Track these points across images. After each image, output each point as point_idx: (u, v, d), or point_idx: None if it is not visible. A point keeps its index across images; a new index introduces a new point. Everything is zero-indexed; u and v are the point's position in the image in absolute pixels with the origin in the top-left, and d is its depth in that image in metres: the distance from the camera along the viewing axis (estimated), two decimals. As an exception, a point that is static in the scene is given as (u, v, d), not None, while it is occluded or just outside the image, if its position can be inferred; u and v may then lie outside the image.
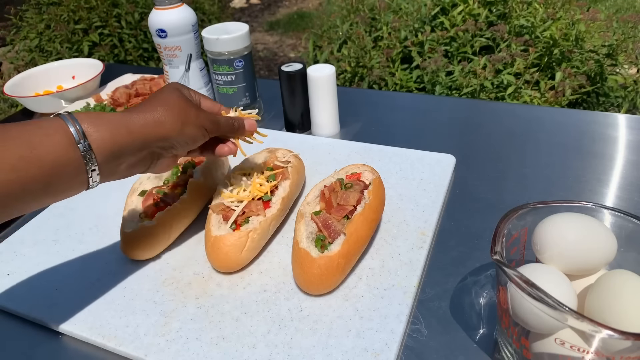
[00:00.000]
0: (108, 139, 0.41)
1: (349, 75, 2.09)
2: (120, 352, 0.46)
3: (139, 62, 2.53)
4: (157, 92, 0.48)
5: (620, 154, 0.69)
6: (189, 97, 0.50)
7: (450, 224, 0.58)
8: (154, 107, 0.45)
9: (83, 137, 0.40)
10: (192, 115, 0.47)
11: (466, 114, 0.85)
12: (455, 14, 2.05)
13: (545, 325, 0.35)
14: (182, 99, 0.48)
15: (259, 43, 3.45)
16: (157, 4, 0.77)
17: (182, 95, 0.48)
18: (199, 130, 0.48)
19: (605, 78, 1.90)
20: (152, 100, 0.47)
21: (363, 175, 0.57)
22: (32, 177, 0.37)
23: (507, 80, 1.76)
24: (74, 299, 0.51)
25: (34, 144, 0.37)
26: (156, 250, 0.55)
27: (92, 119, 0.41)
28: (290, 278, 0.51)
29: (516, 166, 0.68)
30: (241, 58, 0.78)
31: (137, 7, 2.57)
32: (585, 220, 0.40)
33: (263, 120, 0.85)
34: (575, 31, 1.86)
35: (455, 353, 0.44)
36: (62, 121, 0.40)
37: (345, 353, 0.43)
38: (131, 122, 0.43)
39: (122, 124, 0.42)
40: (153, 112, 0.45)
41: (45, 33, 2.49)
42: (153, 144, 0.45)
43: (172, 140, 0.46)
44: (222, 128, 0.51)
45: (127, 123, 0.43)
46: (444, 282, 0.51)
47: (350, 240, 0.49)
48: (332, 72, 0.73)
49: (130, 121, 0.43)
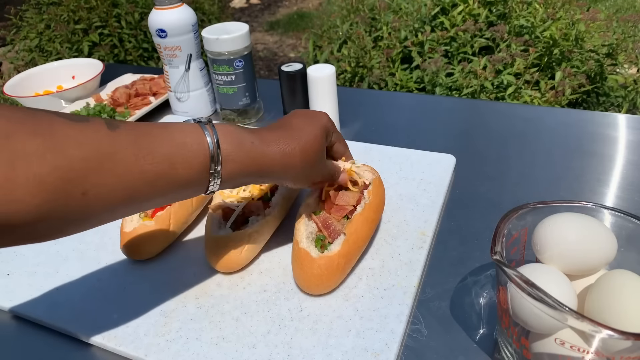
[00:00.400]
0: (238, 170, 0.41)
1: (349, 75, 2.09)
2: (120, 352, 0.46)
3: (139, 62, 2.53)
4: (307, 120, 0.47)
5: (620, 154, 0.69)
6: (326, 143, 0.49)
7: (450, 224, 0.58)
8: (293, 144, 0.44)
9: (219, 165, 0.40)
10: (318, 168, 0.47)
11: (466, 114, 0.85)
12: (455, 14, 2.05)
13: (545, 325, 0.35)
14: (321, 146, 0.47)
15: (259, 43, 3.45)
16: (157, 4, 0.77)
17: (323, 141, 0.47)
18: (309, 184, 0.49)
19: (605, 78, 1.90)
20: (296, 131, 0.45)
21: (363, 175, 0.57)
22: (162, 190, 0.38)
23: (507, 81, 1.76)
24: (74, 299, 0.51)
25: (176, 162, 0.37)
26: (156, 250, 0.55)
27: (233, 144, 0.41)
28: (290, 278, 0.51)
29: (516, 166, 0.68)
30: (241, 58, 0.78)
31: (137, 7, 2.57)
32: (585, 220, 0.40)
33: (263, 120, 0.85)
34: (575, 31, 1.86)
35: (455, 353, 0.44)
36: (205, 141, 0.39)
37: (345, 353, 0.43)
38: (266, 156, 0.43)
39: (257, 157, 0.42)
40: (290, 150, 0.44)
41: (45, 33, 2.50)
42: (276, 176, 0.45)
43: (284, 182, 0.47)
44: (325, 180, 0.51)
45: (262, 156, 0.42)
46: (444, 282, 0.51)
47: (350, 240, 0.49)
48: (332, 72, 0.73)
49: (265, 155, 0.43)
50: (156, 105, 0.89)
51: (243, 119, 0.84)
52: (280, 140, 0.44)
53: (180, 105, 0.86)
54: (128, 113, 0.87)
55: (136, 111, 0.88)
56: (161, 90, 0.94)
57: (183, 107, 0.86)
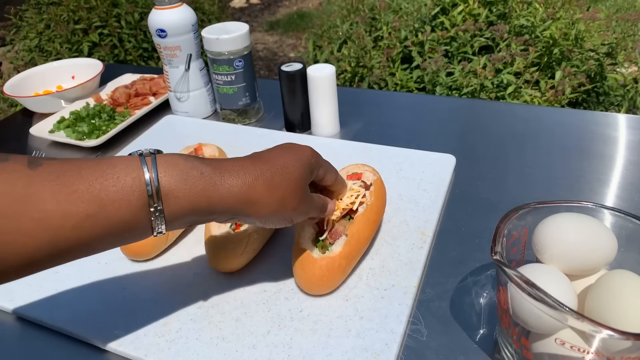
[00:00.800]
0: (185, 207, 0.36)
1: (349, 75, 2.09)
2: (120, 352, 0.46)
3: (138, 62, 2.54)
4: (283, 152, 0.41)
5: (620, 154, 0.69)
6: (310, 177, 0.43)
7: (451, 224, 0.58)
8: (255, 175, 0.38)
9: (159, 203, 0.34)
10: (295, 205, 0.40)
11: (466, 113, 0.85)
12: (455, 13, 2.05)
13: (545, 326, 0.35)
14: (299, 181, 0.40)
15: (259, 43, 3.45)
16: (157, 4, 0.77)
17: (303, 176, 0.41)
18: (287, 222, 0.42)
19: (605, 77, 1.90)
20: (265, 162, 0.39)
21: (364, 175, 0.57)
22: (94, 235, 0.33)
23: (507, 80, 1.76)
24: (74, 299, 0.51)
25: (104, 201, 0.33)
26: (156, 250, 0.55)
27: (177, 177, 0.35)
28: (290, 278, 0.51)
29: (516, 166, 0.68)
30: (241, 58, 0.78)
31: (137, 7, 2.57)
32: (585, 220, 0.40)
33: (263, 120, 0.85)
34: (575, 31, 1.86)
35: (455, 353, 0.44)
36: (141, 174, 0.34)
37: (345, 353, 0.43)
38: (218, 189, 0.37)
39: (207, 190, 0.36)
40: (251, 182, 0.38)
41: (45, 33, 2.50)
42: (233, 216, 0.39)
43: (252, 220, 0.40)
44: (316, 211, 0.45)
45: (212, 188, 0.36)
46: (444, 282, 0.51)
47: (352, 241, 0.49)
48: (332, 72, 0.73)
49: (217, 187, 0.36)
50: (156, 105, 0.89)
51: (243, 119, 0.84)
52: (240, 171, 0.38)
53: (180, 105, 0.86)
54: (128, 113, 0.87)
55: (136, 111, 0.88)
56: (161, 90, 0.94)
57: (183, 107, 0.86)
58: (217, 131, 0.80)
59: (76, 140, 0.80)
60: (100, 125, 0.82)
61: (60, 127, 0.83)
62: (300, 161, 0.41)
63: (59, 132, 0.83)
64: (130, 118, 0.84)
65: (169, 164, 0.36)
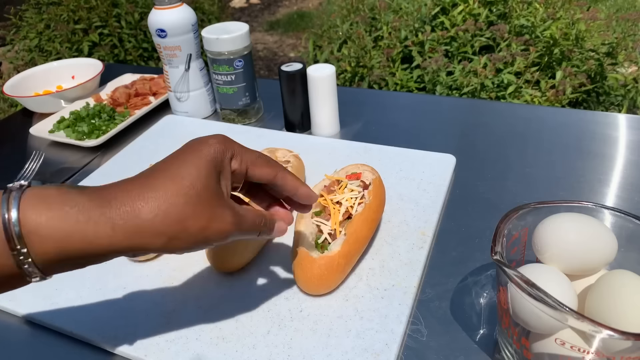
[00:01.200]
0: (54, 248, 0.30)
1: (349, 75, 2.09)
2: (120, 352, 0.46)
3: (138, 62, 2.54)
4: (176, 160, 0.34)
5: (620, 154, 0.69)
6: (218, 177, 0.34)
7: (451, 224, 0.58)
8: (147, 198, 0.31)
9: (22, 245, 0.29)
10: (201, 223, 0.32)
11: (466, 113, 0.85)
12: (455, 13, 2.05)
13: (545, 326, 0.35)
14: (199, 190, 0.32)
15: (259, 43, 3.45)
16: (157, 4, 0.77)
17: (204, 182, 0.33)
18: (206, 245, 0.34)
19: (606, 77, 1.90)
20: (155, 179, 0.32)
21: (363, 175, 0.57)
22: None
23: (507, 80, 1.76)
24: (74, 299, 0.51)
25: None
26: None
27: (46, 213, 0.29)
28: (290, 278, 0.51)
29: (516, 166, 0.68)
30: (241, 58, 0.77)
31: (137, 7, 2.58)
32: (585, 220, 0.40)
33: (263, 120, 0.85)
34: (576, 30, 1.86)
35: (455, 353, 0.44)
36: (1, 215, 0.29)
37: (345, 353, 0.43)
38: (97, 226, 0.30)
39: (79, 228, 0.30)
40: (137, 213, 0.31)
41: (45, 33, 2.50)
42: (124, 253, 0.32)
43: (159, 251, 0.33)
44: (244, 230, 0.37)
45: (87, 227, 0.30)
46: (444, 282, 0.51)
47: (351, 241, 0.49)
48: (332, 72, 0.73)
49: (97, 224, 0.30)
50: (156, 105, 0.89)
51: (243, 119, 0.84)
52: (124, 198, 0.31)
53: (180, 105, 0.86)
54: (128, 113, 0.87)
55: (136, 111, 0.88)
56: (161, 90, 0.94)
57: (183, 107, 0.86)
58: (217, 131, 0.79)
59: (76, 140, 0.80)
60: (100, 125, 0.82)
61: (60, 127, 0.83)
62: (199, 161, 0.34)
63: (59, 132, 0.83)
64: (130, 118, 0.84)
65: (37, 198, 0.30)
